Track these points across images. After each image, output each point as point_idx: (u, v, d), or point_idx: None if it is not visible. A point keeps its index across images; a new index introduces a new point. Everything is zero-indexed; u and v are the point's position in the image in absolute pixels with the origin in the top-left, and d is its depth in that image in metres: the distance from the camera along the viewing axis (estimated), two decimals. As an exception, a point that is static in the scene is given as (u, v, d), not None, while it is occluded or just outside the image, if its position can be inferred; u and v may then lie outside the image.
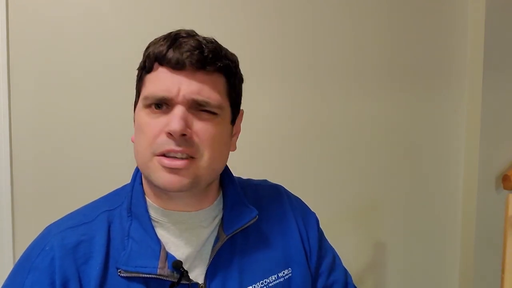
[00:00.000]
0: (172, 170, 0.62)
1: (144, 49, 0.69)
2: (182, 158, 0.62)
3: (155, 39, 0.67)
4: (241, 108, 0.74)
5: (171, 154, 0.62)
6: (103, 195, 0.75)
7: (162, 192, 0.67)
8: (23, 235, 1.34)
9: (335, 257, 0.83)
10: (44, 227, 0.71)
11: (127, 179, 0.75)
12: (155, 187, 0.66)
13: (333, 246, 0.85)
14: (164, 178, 0.63)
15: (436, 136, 1.71)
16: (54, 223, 0.71)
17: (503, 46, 1.64)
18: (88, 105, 1.38)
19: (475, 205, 1.67)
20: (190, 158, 0.63)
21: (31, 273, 0.63)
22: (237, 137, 0.75)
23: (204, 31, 0.69)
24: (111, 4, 1.39)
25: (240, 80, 0.72)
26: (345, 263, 0.85)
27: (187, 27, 0.68)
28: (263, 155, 1.51)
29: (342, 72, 1.59)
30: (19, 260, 0.68)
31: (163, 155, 0.62)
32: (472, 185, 1.68)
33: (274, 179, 0.86)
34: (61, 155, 1.37)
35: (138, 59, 0.70)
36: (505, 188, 1.58)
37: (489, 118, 1.64)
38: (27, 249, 0.68)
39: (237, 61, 0.70)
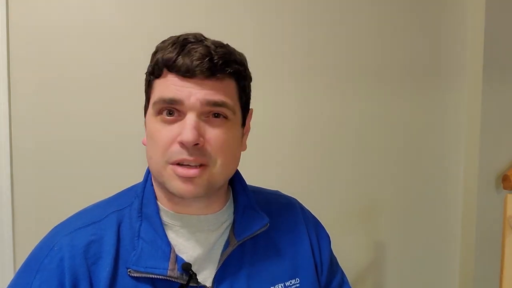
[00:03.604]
0: (186, 179, 0.63)
1: (146, 49, 0.69)
2: (195, 166, 0.63)
3: (163, 42, 0.66)
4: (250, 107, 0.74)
5: (185, 163, 0.62)
6: (110, 196, 0.75)
7: (174, 196, 0.67)
8: (23, 235, 1.34)
9: (343, 275, 0.83)
10: (44, 227, 0.70)
11: (127, 178, 0.75)
12: (169, 192, 0.66)
13: (333, 246, 0.85)
14: (179, 186, 0.63)
15: (436, 136, 1.71)
16: (61, 223, 0.70)
17: (503, 46, 1.64)
18: (88, 105, 1.38)
19: (475, 205, 1.66)
20: (203, 165, 0.63)
21: (39, 274, 0.63)
22: (247, 136, 0.75)
23: (201, 30, 0.69)
24: (111, 4, 1.39)
25: (250, 80, 0.72)
26: (345, 263, 0.86)
27: (190, 25, 0.68)
28: (260, 155, 1.51)
29: (342, 73, 1.59)
30: (27, 260, 0.67)
31: (177, 163, 0.63)
32: (472, 185, 1.68)
33: (272, 179, 0.86)
34: (61, 155, 1.37)
35: (138, 59, 0.71)
36: (505, 188, 1.58)
37: (489, 118, 1.64)
38: (35, 249, 0.68)
39: (246, 62, 0.70)
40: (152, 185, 0.71)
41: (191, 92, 0.62)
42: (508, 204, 1.30)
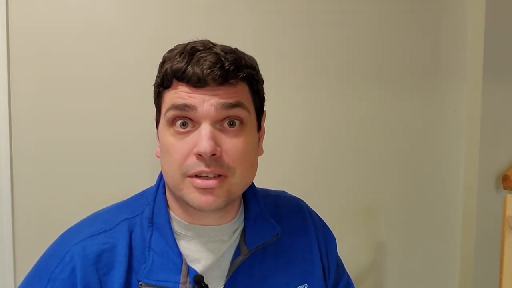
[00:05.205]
0: (205, 190, 0.61)
1: (146, 49, 0.68)
2: (214, 177, 0.61)
3: (170, 52, 0.65)
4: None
5: (203, 175, 0.61)
6: (120, 201, 0.73)
7: (191, 208, 0.65)
8: (23, 235, 1.34)
9: (349, 278, 0.84)
10: (44, 227, 0.70)
11: (127, 178, 0.76)
12: (185, 204, 0.65)
13: (334, 246, 0.85)
14: (199, 199, 0.62)
15: (436, 136, 1.71)
16: (71, 229, 0.69)
17: (503, 46, 1.64)
18: (88, 105, 1.38)
19: (475, 205, 1.66)
20: (222, 176, 0.62)
21: (50, 283, 0.62)
22: (263, 139, 0.74)
23: (200, 30, 0.69)
24: (111, 4, 1.39)
25: (262, 83, 0.71)
26: (345, 263, 0.86)
27: (190, 25, 0.67)
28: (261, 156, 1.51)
29: (342, 73, 1.59)
30: (36, 266, 0.66)
31: (195, 175, 0.61)
32: (472, 185, 1.68)
33: (273, 179, 0.85)
34: (61, 155, 1.37)
35: (138, 58, 0.70)
36: (505, 188, 1.58)
37: (489, 118, 1.64)
38: (44, 256, 0.67)
39: (257, 65, 0.69)
40: (164, 193, 0.69)
41: (204, 99, 0.60)
42: (508, 204, 1.30)
